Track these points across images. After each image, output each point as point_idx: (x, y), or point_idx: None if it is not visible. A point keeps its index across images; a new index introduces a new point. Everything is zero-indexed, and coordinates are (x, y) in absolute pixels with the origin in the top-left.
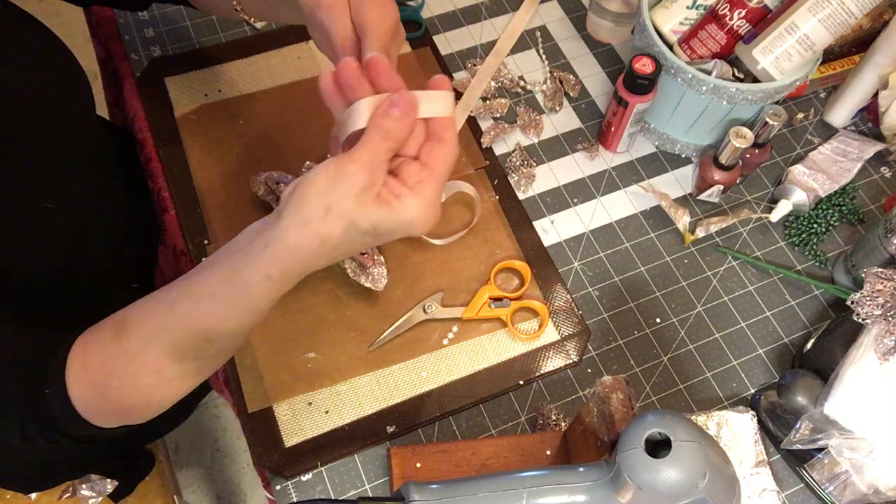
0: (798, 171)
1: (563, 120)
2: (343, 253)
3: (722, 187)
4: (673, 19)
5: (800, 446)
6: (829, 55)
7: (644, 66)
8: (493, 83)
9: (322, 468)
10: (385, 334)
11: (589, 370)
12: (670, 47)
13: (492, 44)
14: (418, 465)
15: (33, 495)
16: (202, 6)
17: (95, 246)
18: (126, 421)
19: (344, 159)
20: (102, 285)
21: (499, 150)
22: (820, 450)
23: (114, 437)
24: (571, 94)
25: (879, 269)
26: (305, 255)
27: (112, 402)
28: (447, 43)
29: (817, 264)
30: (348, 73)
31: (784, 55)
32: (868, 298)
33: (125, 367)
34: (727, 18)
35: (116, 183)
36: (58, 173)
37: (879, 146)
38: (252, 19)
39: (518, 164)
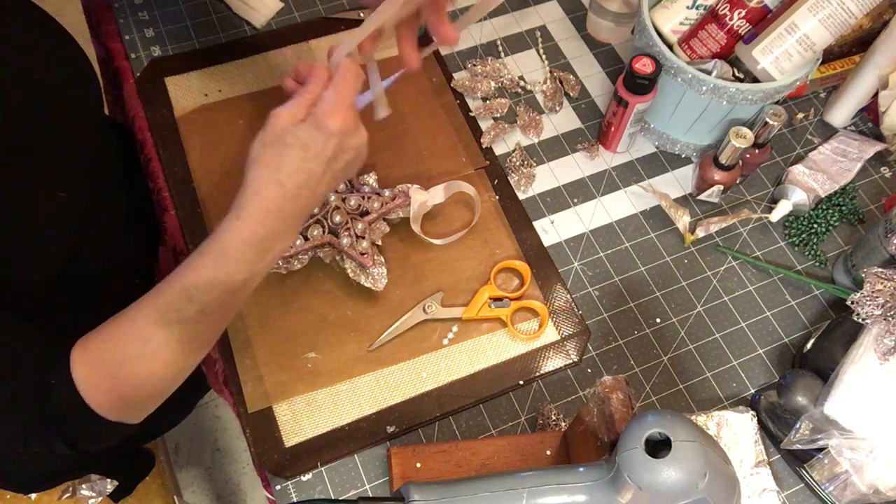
0: (798, 171)
1: (563, 120)
2: (304, 181)
3: (722, 187)
4: (673, 19)
5: (800, 446)
6: (829, 55)
7: (644, 66)
8: (492, 83)
9: (322, 468)
10: (385, 334)
11: (589, 370)
12: (670, 47)
13: (492, 44)
14: (418, 465)
15: (33, 495)
16: None
17: (97, 238)
18: (124, 407)
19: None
20: (103, 279)
21: (499, 150)
22: (820, 450)
23: (109, 446)
24: (571, 94)
25: (879, 269)
26: (263, 189)
27: (108, 380)
28: None
29: (817, 264)
30: None
31: (784, 55)
32: (868, 298)
33: (117, 339)
34: (727, 18)
35: (118, 178)
36: (67, 164)
37: (879, 146)
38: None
39: (518, 164)
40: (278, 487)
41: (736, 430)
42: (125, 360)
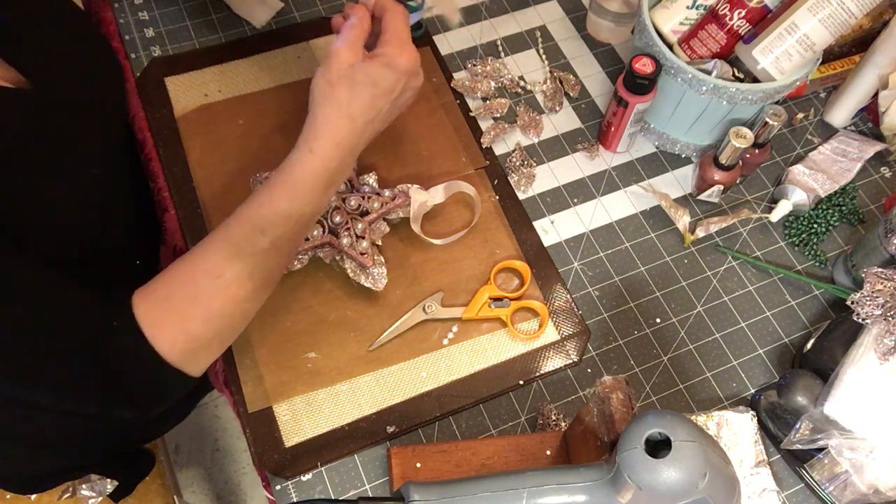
0: (798, 171)
1: (563, 120)
2: (373, 117)
3: (722, 187)
4: (673, 19)
5: (800, 446)
6: (829, 55)
7: (644, 66)
8: (492, 83)
9: (322, 468)
10: (385, 334)
11: (589, 370)
12: (670, 47)
13: (492, 44)
14: (418, 465)
15: (33, 496)
16: None
17: (116, 220)
18: (190, 348)
19: (330, 47)
20: (114, 275)
21: (499, 150)
22: (820, 450)
23: (168, 407)
24: (571, 94)
25: (879, 269)
26: (334, 123)
27: (175, 315)
28: (447, 43)
29: (817, 264)
30: None
31: (784, 55)
32: (868, 298)
33: (188, 275)
34: (727, 18)
35: (129, 171)
36: (99, 143)
37: (879, 146)
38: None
39: (518, 164)
40: (278, 487)
41: (736, 430)
42: (197, 296)
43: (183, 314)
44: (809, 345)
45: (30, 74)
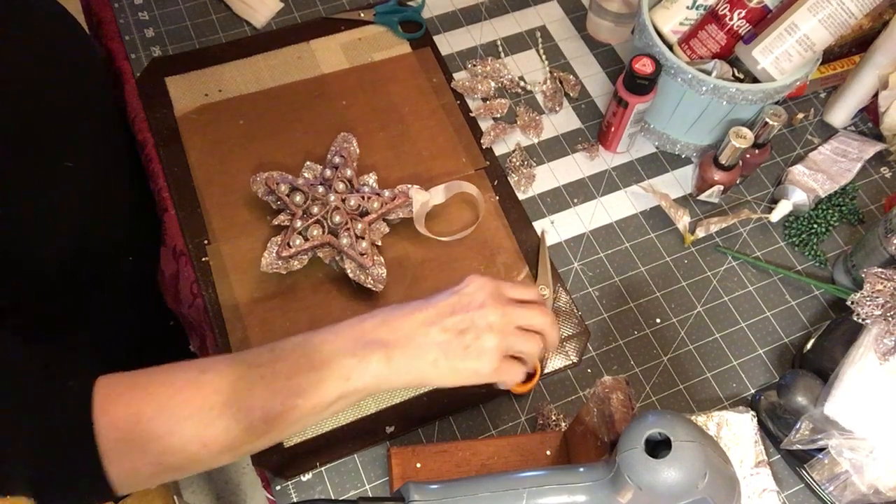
0: (798, 171)
1: (563, 120)
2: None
3: (722, 187)
4: (673, 19)
5: (800, 446)
6: (829, 55)
7: (644, 66)
8: (492, 83)
9: (322, 468)
10: None
11: (589, 370)
12: (670, 47)
13: (492, 44)
14: (418, 465)
15: None
16: None
17: (106, 224)
18: (130, 431)
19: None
20: (110, 270)
21: (499, 150)
22: (820, 450)
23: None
24: (571, 95)
25: (879, 269)
26: (416, 357)
27: (138, 390)
28: (447, 43)
29: (817, 264)
30: None
31: (784, 55)
32: (868, 298)
33: (181, 364)
34: (727, 19)
35: (125, 167)
36: (77, 138)
37: (879, 146)
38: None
39: (518, 164)
40: (278, 487)
41: (736, 430)
42: (173, 380)
43: (145, 392)
44: (809, 345)
45: None
